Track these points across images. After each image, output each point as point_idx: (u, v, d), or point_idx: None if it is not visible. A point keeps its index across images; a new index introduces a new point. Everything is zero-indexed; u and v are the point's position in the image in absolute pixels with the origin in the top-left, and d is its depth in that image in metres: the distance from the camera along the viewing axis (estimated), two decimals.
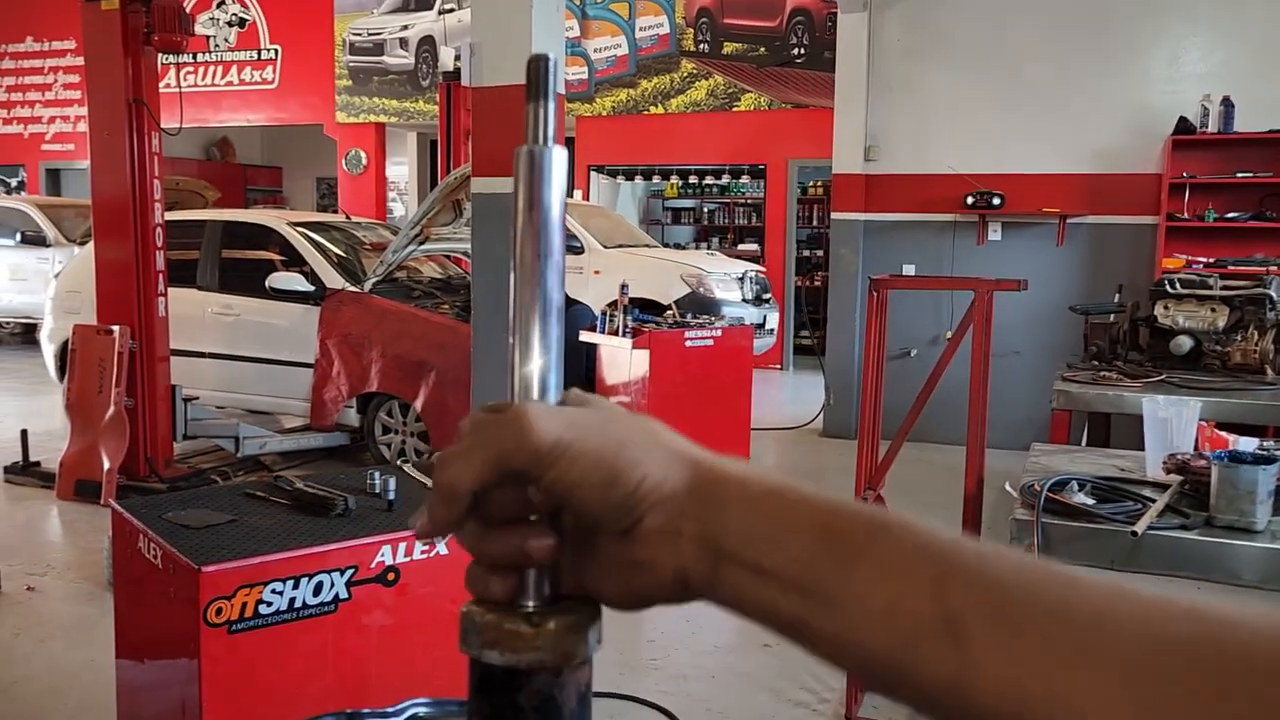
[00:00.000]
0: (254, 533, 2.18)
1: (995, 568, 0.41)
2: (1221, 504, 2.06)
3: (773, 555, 0.44)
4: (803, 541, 0.44)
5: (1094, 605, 0.39)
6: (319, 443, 6.21)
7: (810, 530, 0.44)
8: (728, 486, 0.47)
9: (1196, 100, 6.55)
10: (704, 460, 0.48)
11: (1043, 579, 0.40)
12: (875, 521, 0.44)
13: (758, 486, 0.46)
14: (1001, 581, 0.41)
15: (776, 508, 0.46)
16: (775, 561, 0.44)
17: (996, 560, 0.41)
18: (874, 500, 3.38)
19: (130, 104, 5.30)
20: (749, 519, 0.45)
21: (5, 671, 3.46)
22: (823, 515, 0.45)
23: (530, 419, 0.45)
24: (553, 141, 0.49)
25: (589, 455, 0.45)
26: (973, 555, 0.42)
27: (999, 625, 0.39)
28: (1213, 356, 4.01)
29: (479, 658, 0.47)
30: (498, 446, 0.45)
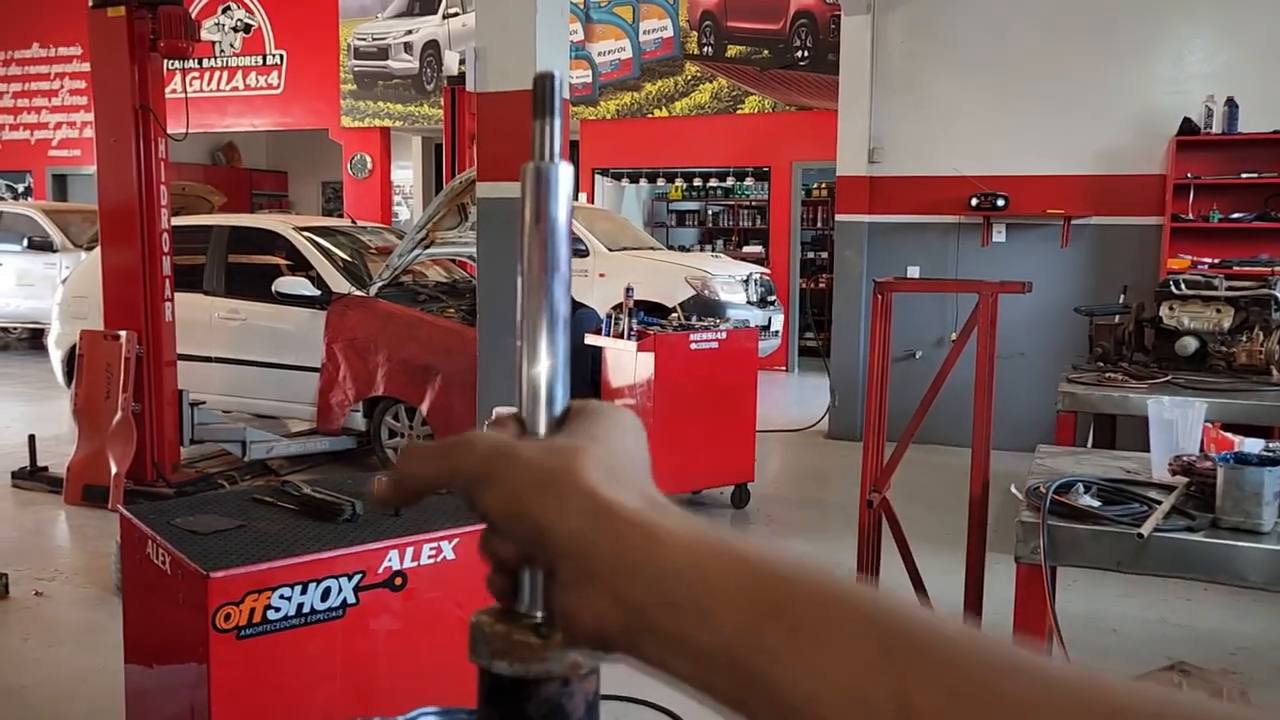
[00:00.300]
0: (262, 538, 2.19)
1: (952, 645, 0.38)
2: (1227, 505, 2.05)
3: (700, 627, 0.41)
4: (736, 611, 0.40)
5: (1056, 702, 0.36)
6: (325, 447, 6.22)
7: (745, 598, 0.40)
8: (652, 537, 0.43)
9: (1200, 101, 6.55)
10: (629, 505, 0.44)
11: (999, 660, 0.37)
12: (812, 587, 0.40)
13: (686, 539, 0.43)
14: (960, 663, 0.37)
15: (707, 570, 0.41)
16: (703, 635, 0.40)
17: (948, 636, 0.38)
18: (879, 503, 3.39)
19: (136, 110, 5.32)
20: (671, 578, 0.42)
21: (15, 676, 3.47)
22: (760, 580, 0.41)
23: (467, 445, 0.47)
24: (559, 157, 0.50)
25: (505, 487, 0.45)
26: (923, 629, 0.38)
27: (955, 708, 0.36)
28: (1218, 357, 4.01)
29: (488, 668, 0.48)
30: (442, 465, 0.47)
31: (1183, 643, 3.85)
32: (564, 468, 0.45)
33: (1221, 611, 4.22)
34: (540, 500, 0.44)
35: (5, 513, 5.45)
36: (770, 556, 0.42)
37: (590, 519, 0.44)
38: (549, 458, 0.45)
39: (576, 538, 0.43)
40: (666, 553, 0.42)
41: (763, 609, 0.40)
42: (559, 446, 0.46)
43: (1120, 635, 3.96)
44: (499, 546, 0.47)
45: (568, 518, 0.44)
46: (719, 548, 0.42)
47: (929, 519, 4.66)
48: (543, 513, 0.44)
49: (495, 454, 0.46)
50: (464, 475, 0.46)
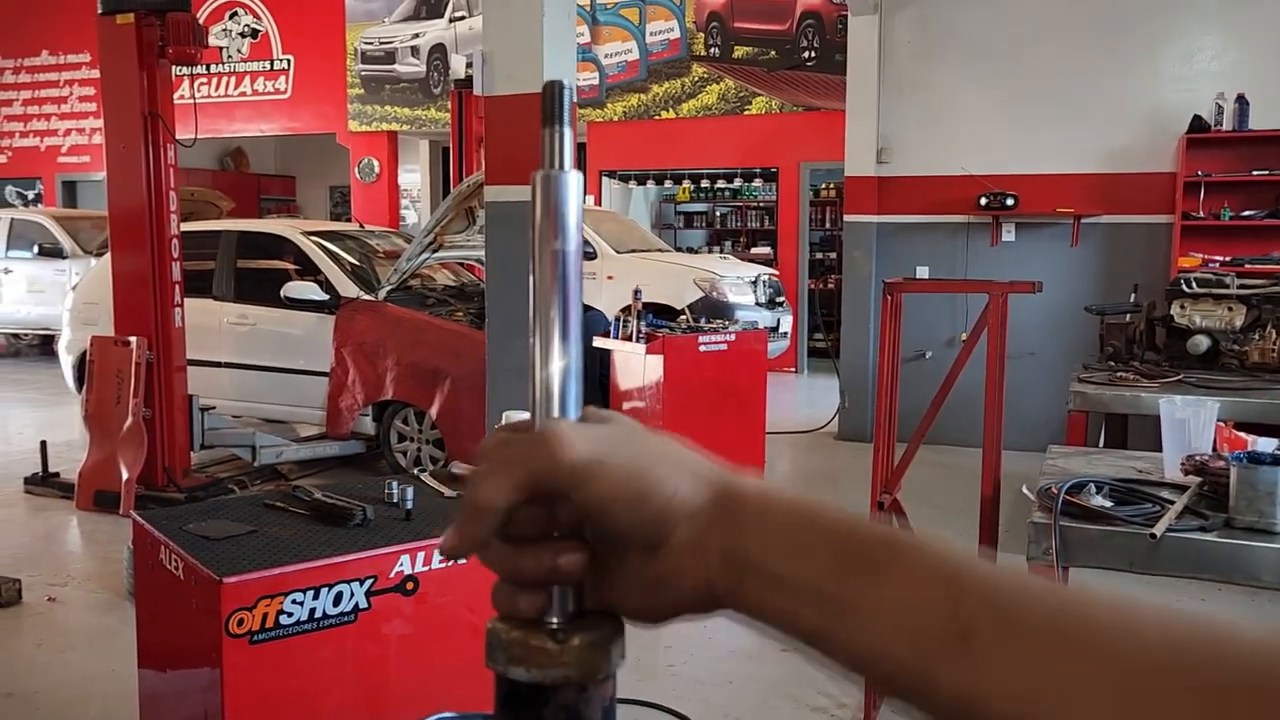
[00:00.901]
0: (274, 543, 2.20)
1: (1008, 583, 0.43)
2: (1241, 505, 2.04)
3: (795, 567, 0.46)
4: (823, 555, 0.46)
5: (1103, 623, 0.40)
6: (335, 451, 6.24)
7: (831, 544, 0.46)
8: (751, 502, 0.48)
9: (1211, 98, 6.52)
10: (727, 477, 0.49)
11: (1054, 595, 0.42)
12: (893, 537, 0.46)
13: (779, 502, 0.48)
14: (1014, 596, 0.42)
15: (798, 522, 0.47)
16: (797, 573, 0.46)
17: (1009, 576, 0.43)
18: (890, 504, 3.38)
19: (145, 116, 5.34)
20: (772, 533, 0.47)
21: (27, 682, 3.48)
22: (843, 530, 0.46)
23: (561, 437, 0.46)
24: (569, 165, 0.50)
25: (621, 472, 0.47)
26: (986, 571, 0.43)
27: (1010, 638, 0.41)
28: (1230, 356, 3.99)
29: (505, 674, 0.48)
30: (530, 465, 0.46)
31: None
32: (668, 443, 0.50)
33: (1235, 612, 4.19)
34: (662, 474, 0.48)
35: (17, 519, 5.48)
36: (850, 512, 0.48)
37: (703, 487, 0.48)
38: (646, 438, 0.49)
39: (694, 506, 0.48)
40: (768, 509, 0.48)
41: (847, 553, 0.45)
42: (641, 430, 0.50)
43: None
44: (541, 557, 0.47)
45: (689, 494, 0.48)
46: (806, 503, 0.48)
47: (940, 520, 4.65)
48: (671, 487, 0.47)
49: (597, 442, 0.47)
50: (561, 473, 0.46)
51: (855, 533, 0.46)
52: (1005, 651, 0.40)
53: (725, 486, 0.49)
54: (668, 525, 0.47)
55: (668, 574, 0.48)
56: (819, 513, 0.47)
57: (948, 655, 0.41)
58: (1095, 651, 0.39)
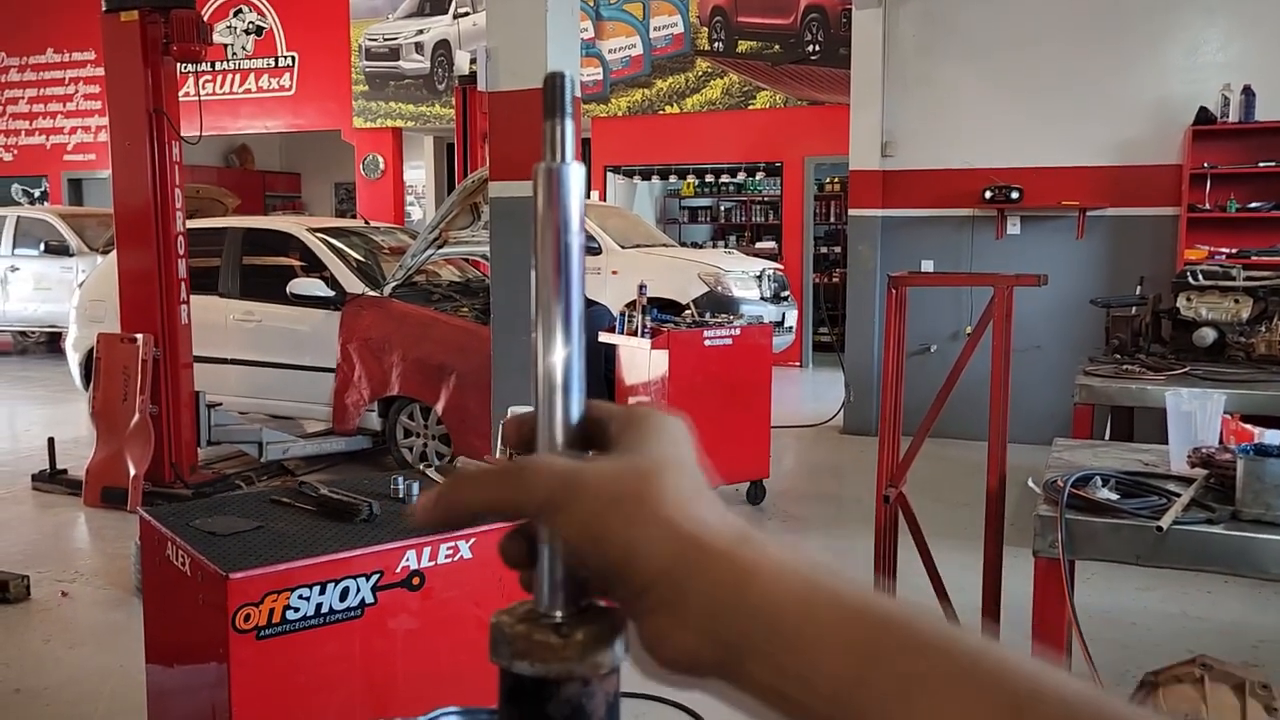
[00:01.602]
0: (280, 539, 2.20)
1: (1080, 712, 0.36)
2: (1248, 498, 2.04)
3: (803, 659, 0.39)
4: (842, 648, 0.38)
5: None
6: (341, 447, 6.25)
7: (851, 633, 0.39)
8: (742, 569, 0.41)
9: (1216, 90, 6.49)
10: (712, 531, 0.42)
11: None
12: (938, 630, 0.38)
13: (781, 570, 0.41)
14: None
15: (807, 600, 0.40)
16: (807, 667, 0.39)
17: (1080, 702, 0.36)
18: (895, 498, 3.38)
19: (150, 114, 5.35)
20: (771, 610, 0.40)
21: (37, 678, 3.50)
22: (867, 615, 0.39)
23: (529, 472, 0.44)
24: (571, 158, 0.49)
25: (583, 512, 0.42)
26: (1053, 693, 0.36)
27: None
28: (1237, 348, 3.98)
29: (509, 668, 0.48)
30: (500, 494, 0.45)
31: (1203, 636, 3.82)
32: (641, 495, 0.43)
33: (1242, 605, 4.19)
34: (619, 530, 0.42)
35: (26, 515, 5.50)
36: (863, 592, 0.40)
37: (675, 550, 0.42)
38: (620, 483, 0.43)
39: (662, 571, 0.41)
40: (760, 589, 0.40)
41: (872, 656, 0.38)
42: (630, 469, 0.44)
43: (1140, 629, 3.94)
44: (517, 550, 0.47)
45: (652, 550, 0.41)
46: (812, 581, 0.40)
47: (946, 514, 4.65)
48: (624, 544, 0.42)
49: (563, 482, 0.43)
50: (528, 505, 0.44)
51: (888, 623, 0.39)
52: None
53: (706, 545, 0.42)
54: (633, 584, 0.42)
55: (649, 633, 0.43)
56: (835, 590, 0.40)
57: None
58: None
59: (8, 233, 11.58)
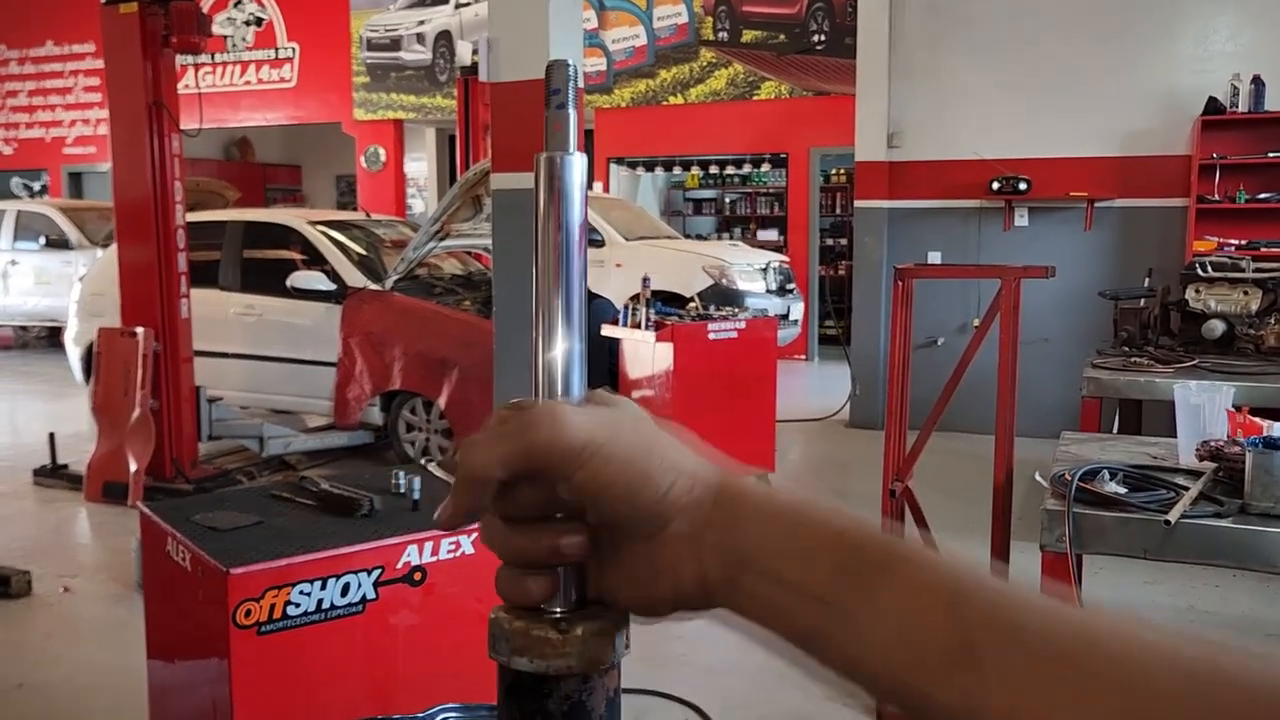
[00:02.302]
0: (281, 534, 2.19)
1: (1013, 599, 0.42)
2: (1256, 491, 2.02)
3: (794, 566, 0.45)
4: (824, 556, 0.45)
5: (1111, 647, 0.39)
6: (343, 441, 6.24)
7: (831, 547, 0.45)
8: (751, 498, 0.48)
9: (1226, 80, 6.45)
10: (727, 473, 0.49)
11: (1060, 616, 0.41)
12: (895, 545, 0.45)
13: (780, 501, 0.48)
14: (1018, 614, 0.41)
15: (799, 521, 0.47)
16: (796, 573, 0.45)
17: (1015, 593, 0.42)
18: (902, 492, 3.35)
19: (150, 106, 5.33)
20: (771, 530, 0.46)
21: (38, 673, 3.49)
22: (844, 533, 0.46)
23: (562, 416, 0.46)
24: (573, 147, 0.50)
25: (620, 457, 0.46)
26: (990, 586, 0.43)
27: (1013, 656, 0.40)
28: (1246, 340, 3.95)
29: (508, 664, 0.48)
30: (529, 438, 0.45)
31: (1212, 630, 3.80)
32: (668, 433, 0.49)
33: (1251, 598, 4.17)
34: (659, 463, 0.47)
35: (27, 510, 5.49)
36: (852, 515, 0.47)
37: (700, 481, 0.48)
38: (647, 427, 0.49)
39: (691, 499, 0.47)
40: (769, 506, 0.47)
41: (848, 556, 0.45)
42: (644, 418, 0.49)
43: None
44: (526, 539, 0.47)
45: (682, 480, 0.47)
46: (807, 502, 0.47)
47: (952, 508, 4.62)
48: (663, 474, 0.47)
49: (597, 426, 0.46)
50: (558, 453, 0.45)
51: (857, 537, 0.45)
52: (1008, 670, 0.40)
53: (724, 483, 0.48)
54: (663, 517, 0.47)
55: (662, 566, 0.47)
56: (820, 513, 0.47)
57: (947, 669, 0.41)
58: (1101, 676, 0.38)
59: (8, 227, 11.58)
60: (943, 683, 0.41)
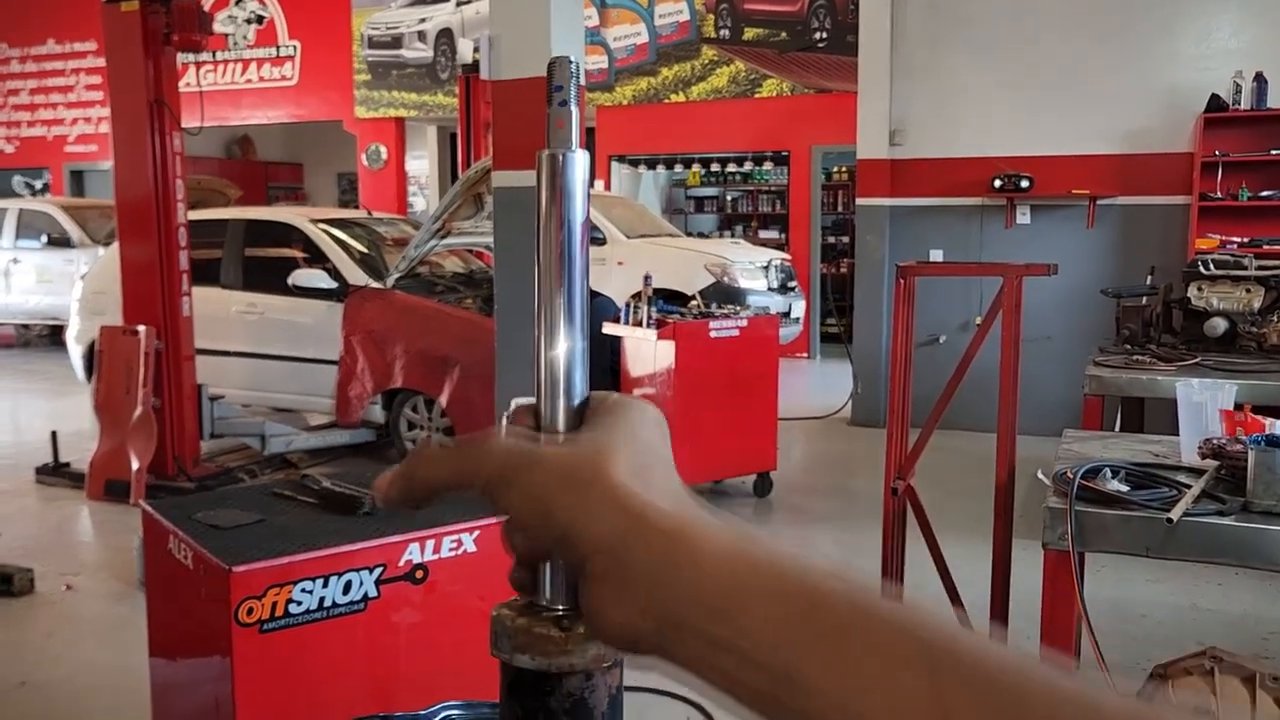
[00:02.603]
0: (283, 532, 2.18)
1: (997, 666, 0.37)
2: (1259, 489, 2.02)
3: (732, 628, 0.40)
4: (771, 614, 0.40)
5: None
6: (345, 439, 6.24)
7: (780, 603, 0.40)
8: (682, 543, 0.42)
9: (1228, 77, 6.44)
10: (657, 509, 0.43)
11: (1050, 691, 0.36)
12: (857, 597, 0.40)
13: (718, 546, 0.42)
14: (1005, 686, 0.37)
15: (739, 572, 0.41)
16: (735, 636, 0.40)
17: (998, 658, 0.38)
18: (904, 490, 3.35)
19: (152, 104, 5.33)
20: (706, 583, 0.41)
21: (41, 671, 3.49)
22: (796, 589, 0.40)
23: (485, 448, 0.46)
24: (575, 144, 0.49)
25: (531, 487, 0.45)
26: (969, 651, 0.38)
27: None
28: (1248, 338, 3.94)
29: (510, 661, 0.48)
30: (456, 467, 0.47)
31: (1214, 628, 3.80)
32: (590, 469, 0.44)
33: (1253, 596, 4.16)
34: (566, 504, 0.44)
35: (29, 509, 5.50)
36: (805, 564, 0.41)
37: (618, 524, 0.43)
38: (573, 459, 0.45)
39: (605, 543, 0.43)
40: (698, 560, 0.42)
41: (800, 620, 0.39)
42: (583, 447, 0.46)
43: (1150, 621, 3.91)
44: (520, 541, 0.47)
45: (595, 522, 0.43)
46: (752, 554, 0.42)
47: (954, 506, 4.62)
48: (569, 516, 0.44)
49: (516, 457, 0.45)
50: (482, 479, 0.46)
51: (811, 591, 0.40)
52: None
53: (650, 521, 0.43)
54: (576, 553, 0.44)
55: (593, 604, 0.44)
56: (767, 559, 0.41)
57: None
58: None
59: (9, 225, 11.59)
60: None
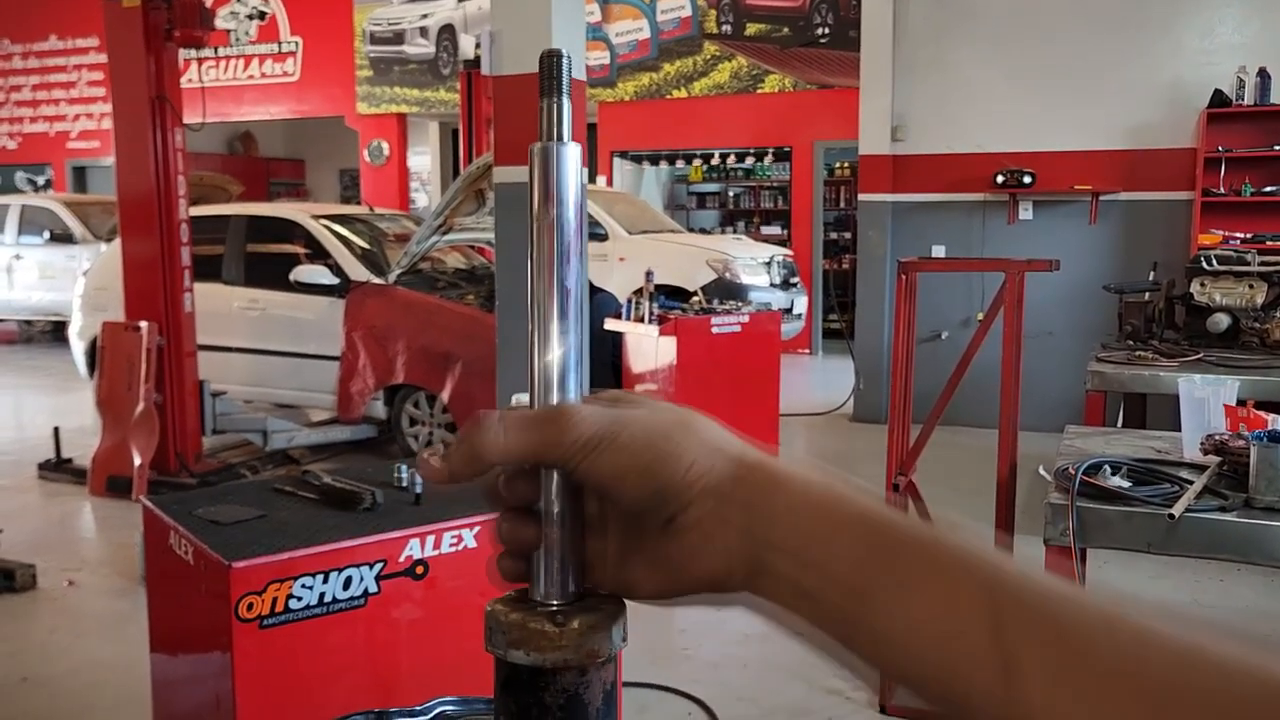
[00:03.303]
0: (283, 528, 2.18)
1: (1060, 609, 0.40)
2: (1261, 485, 2.02)
3: (822, 551, 0.44)
4: (853, 541, 0.44)
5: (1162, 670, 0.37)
6: (346, 435, 6.24)
7: (862, 530, 0.44)
8: (776, 478, 0.46)
9: (1232, 72, 6.42)
10: (751, 451, 0.48)
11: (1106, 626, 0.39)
12: (931, 536, 0.43)
13: (807, 480, 0.46)
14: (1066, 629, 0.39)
15: (826, 503, 0.45)
16: (824, 557, 0.44)
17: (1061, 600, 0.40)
18: (905, 486, 3.35)
19: (153, 100, 5.33)
20: (798, 512, 0.45)
21: (44, 667, 3.50)
22: (874, 517, 0.44)
23: (573, 412, 0.46)
24: (568, 137, 0.49)
25: (635, 442, 0.46)
26: (1031, 588, 0.41)
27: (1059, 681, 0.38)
28: (1251, 334, 3.93)
29: (504, 657, 0.48)
30: (539, 436, 0.46)
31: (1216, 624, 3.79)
32: (684, 424, 0.47)
33: (1255, 592, 4.16)
34: (669, 453, 0.46)
35: (32, 504, 5.50)
36: (884, 505, 0.45)
37: (721, 466, 0.46)
38: (664, 417, 0.47)
39: (711, 485, 0.46)
40: (793, 493, 0.46)
41: (879, 543, 0.43)
42: (663, 410, 0.48)
43: None
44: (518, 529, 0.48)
45: (698, 467, 0.46)
46: (839, 490, 0.46)
47: (956, 502, 4.62)
48: (673, 466, 0.46)
49: (606, 420, 0.46)
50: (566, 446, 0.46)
51: (890, 524, 0.44)
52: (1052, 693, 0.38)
53: (748, 461, 0.47)
54: (684, 498, 0.46)
55: (685, 551, 0.46)
56: (850, 496, 0.45)
57: (986, 680, 0.39)
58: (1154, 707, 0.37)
59: (12, 221, 11.59)
60: (980, 695, 0.40)
